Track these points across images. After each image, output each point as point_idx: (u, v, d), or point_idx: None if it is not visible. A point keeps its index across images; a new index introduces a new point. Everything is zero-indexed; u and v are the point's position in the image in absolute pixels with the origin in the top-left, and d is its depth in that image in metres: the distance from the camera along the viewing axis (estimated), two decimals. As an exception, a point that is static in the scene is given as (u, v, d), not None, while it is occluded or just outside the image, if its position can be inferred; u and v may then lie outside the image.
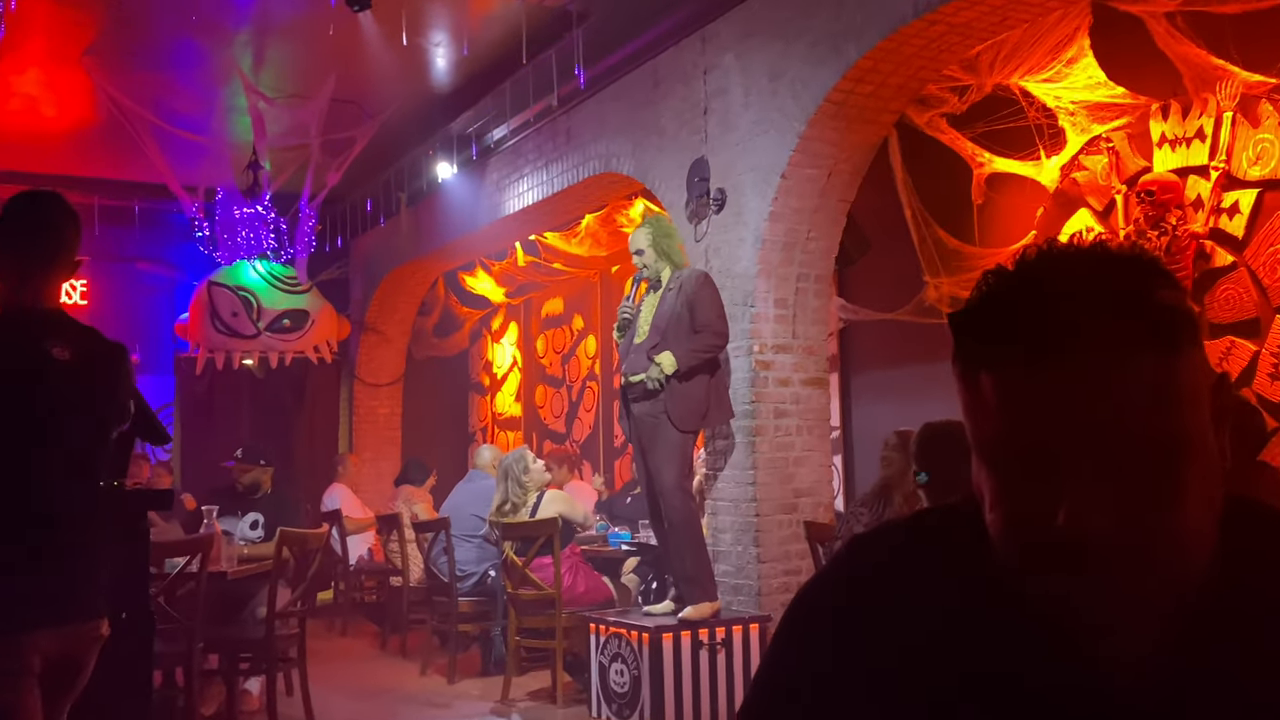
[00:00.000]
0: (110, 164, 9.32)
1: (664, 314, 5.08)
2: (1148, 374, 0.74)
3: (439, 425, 11.74)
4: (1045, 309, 0.76)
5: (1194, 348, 0.78)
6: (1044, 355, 0.75)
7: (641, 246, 5.17)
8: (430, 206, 9.49)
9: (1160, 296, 0.77)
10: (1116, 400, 0.74)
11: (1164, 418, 0.75)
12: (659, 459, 5.02)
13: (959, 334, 0.79)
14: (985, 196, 6.02)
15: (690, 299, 5.06)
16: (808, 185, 5.59)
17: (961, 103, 5.72)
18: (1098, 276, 0.77)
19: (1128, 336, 0.75)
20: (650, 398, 5.03)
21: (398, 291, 10.67)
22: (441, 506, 7.25)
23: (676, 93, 6.31)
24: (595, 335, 10.24)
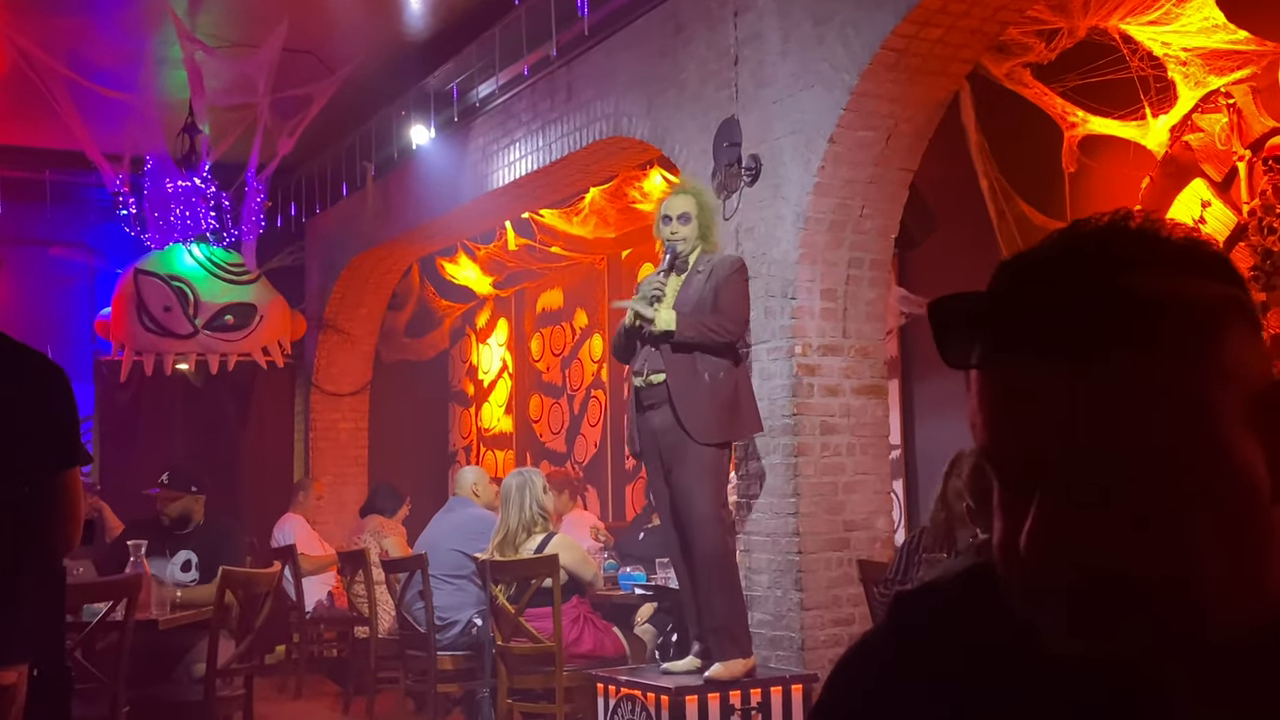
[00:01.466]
0: (15, 127, 9.37)
1: (688, 298, 5.10)
2: (1125, 379, 0.77)
3: (413, 443, 11.76)
4: (1017, 299, 0.80)
5: (1214, 351, 0.79)
6: (1010, 353, 0.79)
7: (687, 211, 5.18)
8: (403, 179, 9.51)
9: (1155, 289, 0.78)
10: (1088, 408, 0.77)
11: (1153, 429, 0.76)
12: (687, 480, 5.00)
13: (931, 323, 0.84)
14: (1079, 163, 6.01)
15: (718, 284, 5.09)
16: (861, 151, 5.59)
17: (1049, 50, 5.70)
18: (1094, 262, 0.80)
19: (1107, 335, 0.77)
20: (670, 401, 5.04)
21: (364, 281, 10.70)
22: (417, 541, 7.27)
23: (701, 39, 6.31)
24: (602, 334, 10.24)
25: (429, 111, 8.67)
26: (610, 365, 10.06)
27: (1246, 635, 0.78)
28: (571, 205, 8.91)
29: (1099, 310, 0.78)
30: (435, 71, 8.36)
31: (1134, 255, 0.81)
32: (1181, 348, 0.78)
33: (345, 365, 11.10)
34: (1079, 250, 0.82)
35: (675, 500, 5.09)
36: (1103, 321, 0.78)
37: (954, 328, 0.83)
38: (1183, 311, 0.79)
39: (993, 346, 0.81)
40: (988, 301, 0.82)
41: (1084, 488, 0.78)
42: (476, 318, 12.01)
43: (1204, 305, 0.80)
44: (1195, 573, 0.77)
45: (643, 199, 8.41)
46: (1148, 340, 0.78)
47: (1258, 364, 0.81)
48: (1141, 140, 5.83)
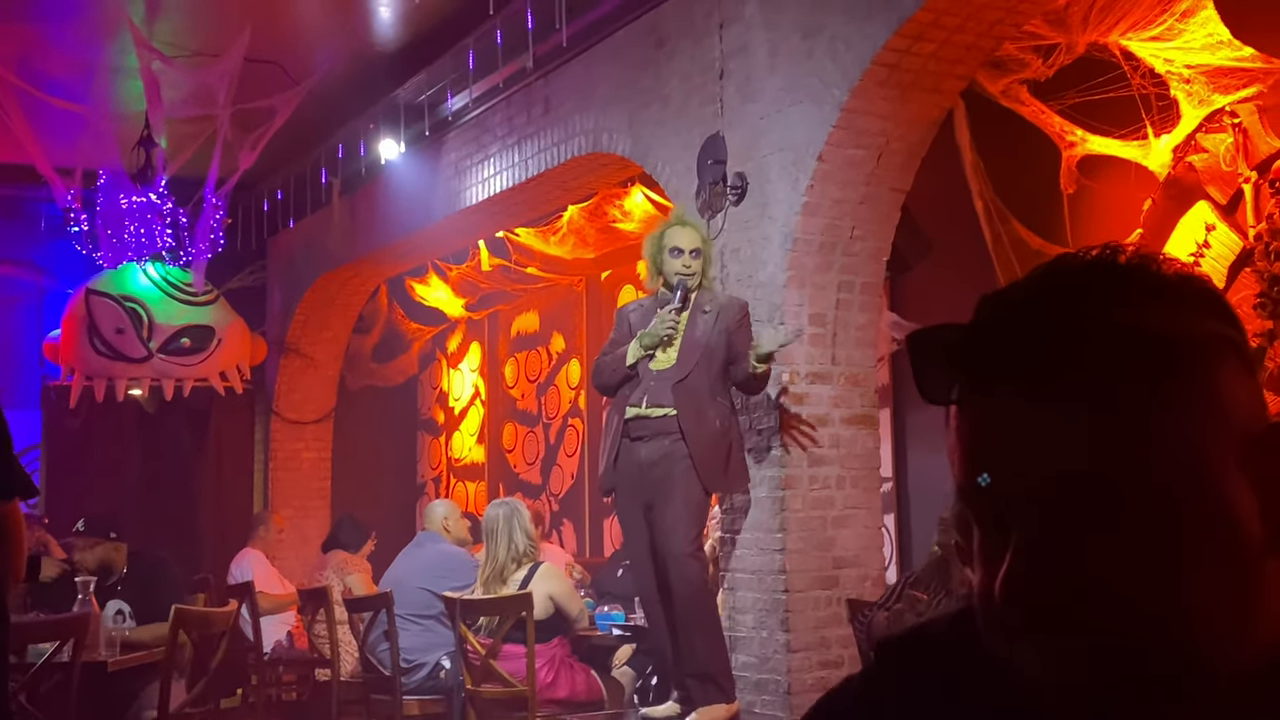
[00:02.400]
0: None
1: (696, 340, 5.20)
2: (1110, 419, 0.77)
3: (379, 474, 11.73)
4: (999, 333, 0.81)
5: (1205, 392, 0.79)
6: (990, 389, 0.81)
7: (697, 245, 5.31)
8: (371, 195, 9.52)
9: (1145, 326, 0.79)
10: (1070, 447, 0.78)
11: (1138, 471, 0.77)
12: (671, 517, 5.04)
13: (910, 356, 0.85)
14: (1078, 185, 6.06)
15: (730, 330, 5.22)
16: (851, 170, 5.62)
17: (1047, 66, 5.76)
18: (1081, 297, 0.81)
19: (1093, 373, 0.78)
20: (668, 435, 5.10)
21: (328, 303, 10.68)
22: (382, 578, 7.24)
23: (684, 52, 6.35)
24: (580, 359, 10.25)
25: (399, 125, 8.69)
26: (589, 393, 10.07)
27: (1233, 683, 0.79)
28: (548, 224, 8.93)
29: (1085, 347, 0.79)
30: (406, 83, 8.38)
31: (1123, 291, 0.82)
32: (1171, 388, 0.79)
33: (308, 391, 11.07)
34: (1066, 284, 0.83)
35: (655, 537, 5.11)
36: (1089, 359, 0.79)
37: (933, 361, 0.84)
38: (1174, 350, 0.79)
39: (972, 381, 0.82)
40: (969, 335, 0.83)
41: (1064, 530, 0.78)
42: (447, 342, 12.00)
43: (1196, 344, 0.80)
44: (1180, 620, 0.77)
45: (623, 218, 8.44)
46: (1136, 379, 0.78)
47: (1252, 406, 0.82)
48: (1143, 161, 5.88)
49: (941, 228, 6.47)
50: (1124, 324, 0.80)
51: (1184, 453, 0.78)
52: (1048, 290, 0.83)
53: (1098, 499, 0.78)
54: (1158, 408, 0.78)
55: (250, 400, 10.76)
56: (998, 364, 0.81)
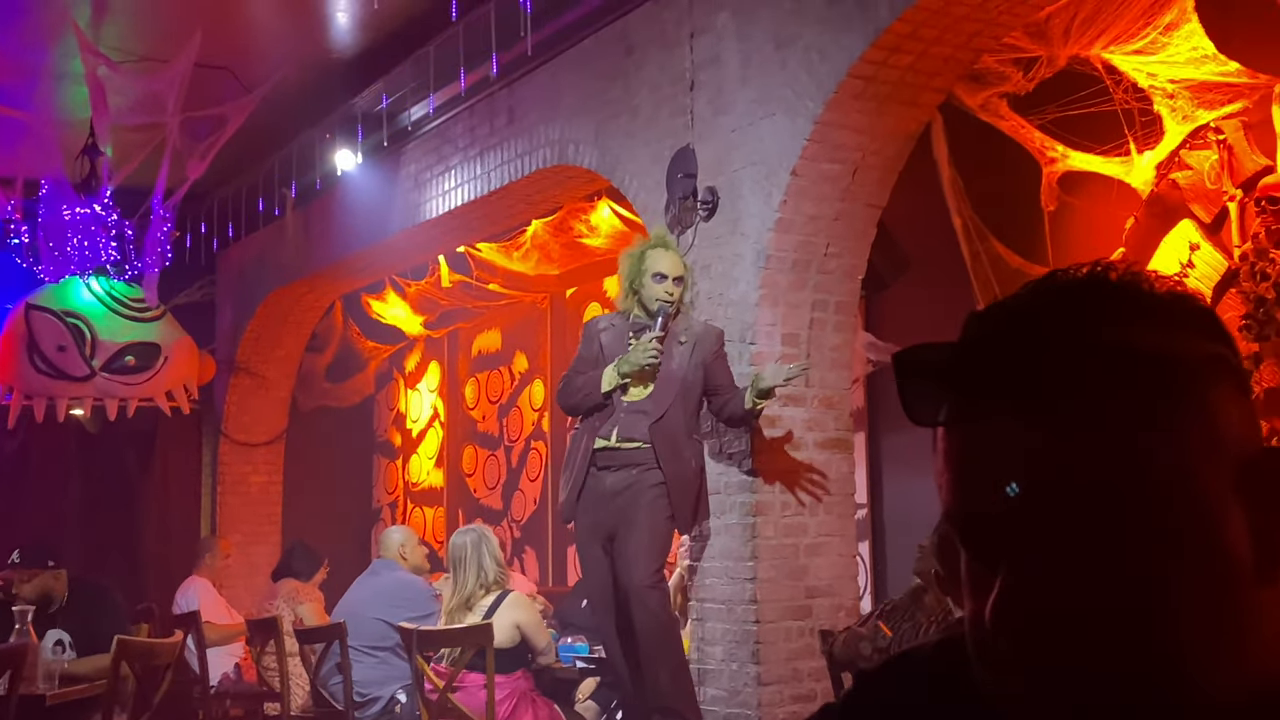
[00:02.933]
0: (-103, 146, 9.26)
1: (672, 374, 5.22)
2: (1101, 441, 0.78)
3: (333, 499, 11.67)
4: (988, 352, 0.82)
5: (1198, 414, 0.80)
6: (979, 410, 0.81)
7: (681, 273, 5.36)
8: (326, 207, 9.49)
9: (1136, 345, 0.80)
10: (1061, 470, 0.78)
11: (1129, 495, 0.78)
12: (635, 546, 5.03)
13: (896, 376, 0.85)
14: (1059, 202, 6.10)
15: (707, 363, 5.25)
16: (826, 185, 5.65)
17: (1028, 80, 5.80)
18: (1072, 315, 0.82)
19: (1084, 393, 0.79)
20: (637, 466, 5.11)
21: (280, 320, 10.64)
22: (336, 608, 7.20)
23: (654, 61, 6.37)
24: (544, 379, 10.24)
25: (356, 134, 8.67)
26: (553, 414, 10.05)
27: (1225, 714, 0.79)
28: (511, 239, 8.92)
29: (1077, 367, 0.79)
30: (363, 91, 8.37)
31: (1115, 309, 0.82)
32: (1164, 409, 0.79)
33: (258, 412, 11.01)
34: (1056, 302, 0.83)
35: (616, 567, 5.12)
36: (1081, 379, 0.79)
37: (920, 381, 0.84)
38: (1166, 370, 0.80)
39: (960, 402, 0.82)
40: (956, 354, 0.83)
41: (1054, 555, 0.78)
42: (405, 361, 11.96)
43: (1189, 364, 0.81)
44: (1171, 649, 0.77)
45: (589, 233, 8.45)
46: (1129, 400, 0.79)
47: (1246, 429, 0.82)
48: (1125, 178, 5.93)
49: (919, 245, 6.51)
50: (1116, 343, 0.80)
51: (1177, 478, 0.78)
52: (1038, 308, 0.83)
53: (1089, 523, 0.78)
54: (1151, 430, 0.78)
55: (198, 421, 10.69)
56: (987, 384, 0.81)
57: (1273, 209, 5.40)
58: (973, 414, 0.81)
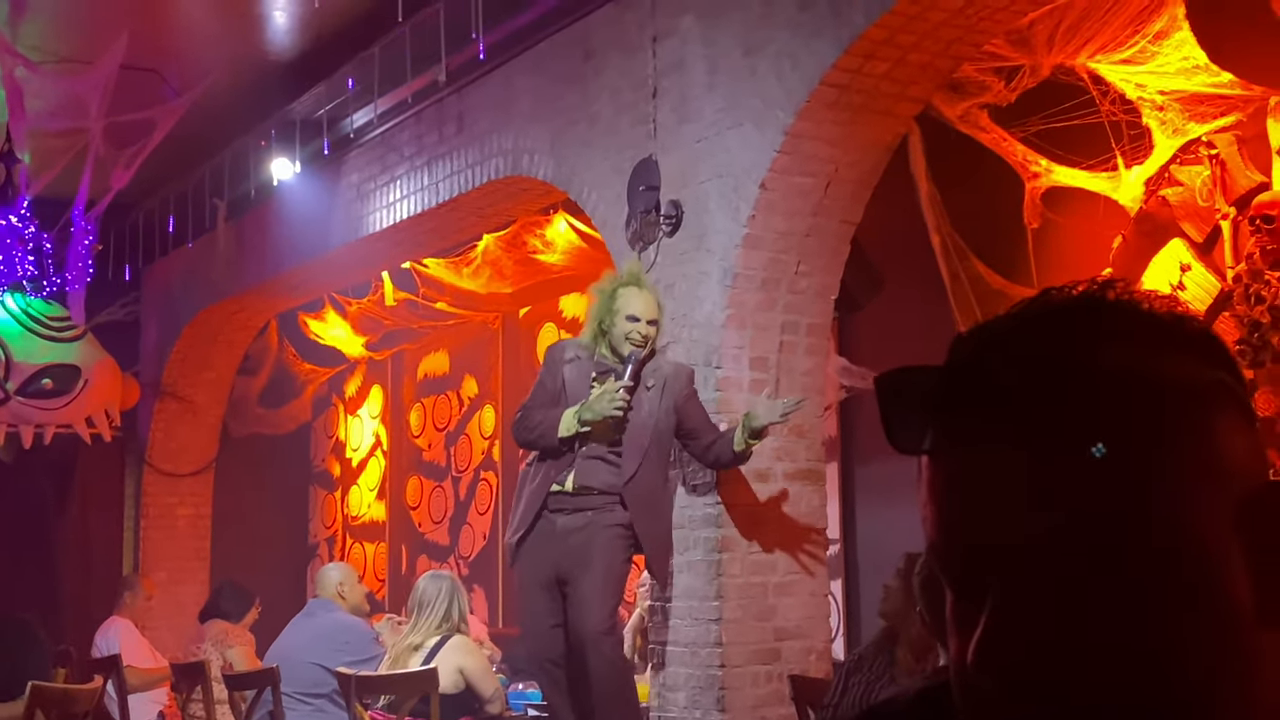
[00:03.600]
0: None
1: (643, 423, 5.18)
2: (1095, 470, 0.78)
3: (266, 534, 11.59)
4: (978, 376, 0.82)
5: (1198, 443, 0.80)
6: (967, 437, 0.81)
7: (655, 316, 5.32)
8: (261, 220, 9.46)
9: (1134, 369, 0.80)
10: (1053, 501, 0.78)
11: (1124, 529, 0.78)
12: (589, 588, 5.01)
13: (878, 400, 0.86)
14: (1042, 219, 6.15)
15: (677, 403, 5.24)
16: (797, 199, 5.68)
17: (1009, 90, 5.85)
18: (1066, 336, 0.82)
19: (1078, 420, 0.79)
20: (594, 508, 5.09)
21: (210, 341, 10.58)
22: (268, 651, 7.15)
23: (614, 66, 6.40)
24: (495, 405, 10.23)
25: (294, 142, 8.66)
26: (504, 443, 10.04)
27: None
28: (461, 254, 8.92)
29: (1072, 393, 0.79)
30: (302, 96, 8.35)
31: (1112, 330, 0.82)
32: (1162, 437, 0.79)
33: (186, 440, 10.94)
34: (1049, 322, 0.84)
35: (569, 611, 5.09)
36: (1076, 406, 0.79)
37: (904, 406, 0.84)
38: (1166, 396, 0.80)
39: (947, 429, 0.83)
40: (943, 377, 0.83)
41: (1043, 590, 0.79)
42: (345, 385, 11.92)
43: (1190, 390, 0.81)
44: (1166, 692, 0.78)
45: (544, 249, 8.46)
46: (1127, 428, 0.79)
47: (1249, 461, 0.82)
48: (1113, 194, 5.98)
49: (895, 264, 6.55)
50: (1113, 367, 0.80)
51: (1176, 511, 0.78)
52: (1030, 330, 0.84)
53: (1081, 558, 0.78)
54: (1148, 460, 0.79)
55: (120, 449, 10.61)
56: (976, 410, 0.81)
57: (1268, 228, 5.46)
58: (959, 441, 0.82)
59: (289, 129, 8.66)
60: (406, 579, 10.67)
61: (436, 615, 6.00)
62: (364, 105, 8.05)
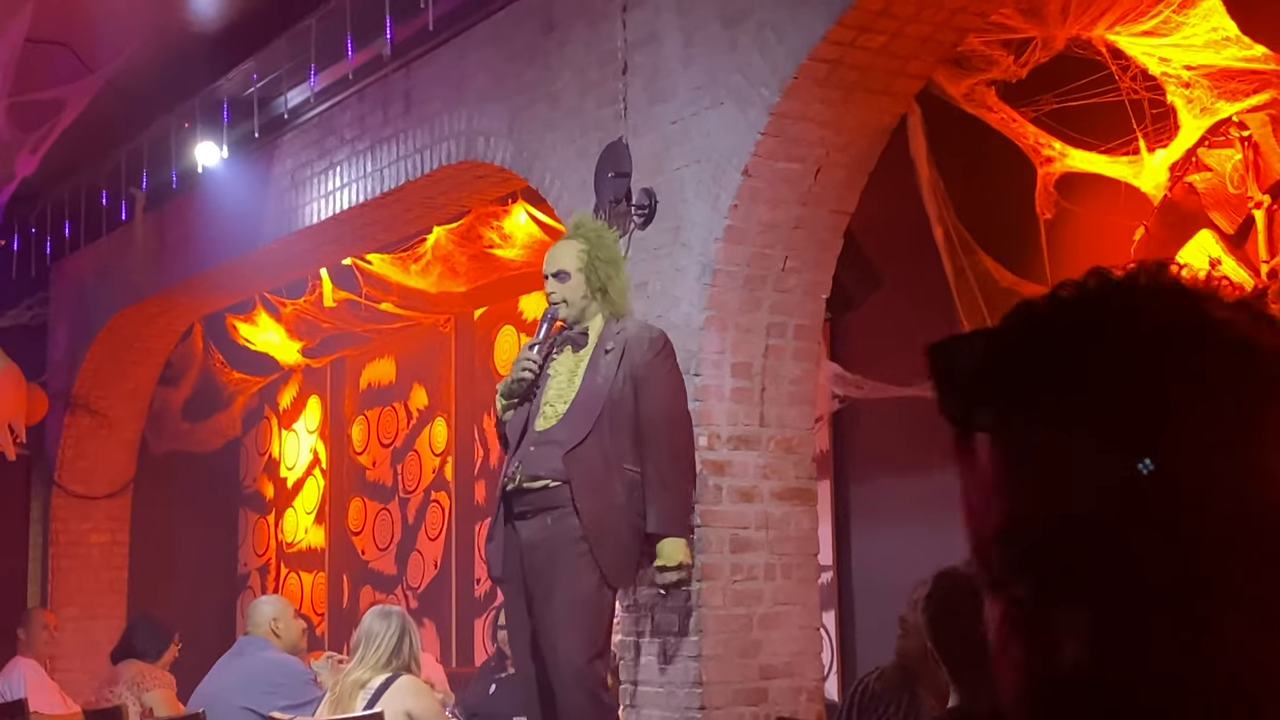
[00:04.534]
0: None
1: (594, 389, 5.05)
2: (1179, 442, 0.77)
3: (190, 563, 11.54)
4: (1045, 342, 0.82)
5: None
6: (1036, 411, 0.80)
7: (564, 266, 5.20)
8: (184, 211, 9.42)
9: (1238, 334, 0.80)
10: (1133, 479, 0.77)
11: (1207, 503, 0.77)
12: (555, 616, 4.95)
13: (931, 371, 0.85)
14: (1056, 208, 6.16)
15: (637, 373, 5.09)
16: (784, 187, 5.68)
17: (1019, 65, 5.86)
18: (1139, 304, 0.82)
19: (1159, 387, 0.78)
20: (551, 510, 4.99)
21: (127, 346, 10.53)
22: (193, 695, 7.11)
23: (579, 39, 6.39)
24: (446, 417, 10.21)
25: (220, 124, 8.62)
26: (457, 460, 10.02)
27: None
28: (409, 249, 8.90)
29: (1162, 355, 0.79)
30: (230, 73, 8.33)
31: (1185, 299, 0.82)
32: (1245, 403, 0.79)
33: (100, 458, 10.87)
34: (1116, 291, 0.84)
35: (538, 641, 5.04)
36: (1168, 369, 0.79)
37: (959, 376, 0.84)
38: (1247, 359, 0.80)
39: (1013, 401, 0.82)
40: (1007, 344, 0.83)
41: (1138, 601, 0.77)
42: (279, 396, 11.88)
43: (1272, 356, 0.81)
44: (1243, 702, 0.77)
45: (502, 243, 8.45)
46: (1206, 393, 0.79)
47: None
48: (1134, 181, 5.99)
49: (893, 259, 6.55)
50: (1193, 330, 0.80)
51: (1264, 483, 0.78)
52: (1099, 295, 0.84)
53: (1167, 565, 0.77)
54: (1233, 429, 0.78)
55: (26, 468, 10.54)
56: (1043, 379, 0.81)
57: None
58: (1025, 416, 0.81)
59: (215, 109, 8.62)
60: (348, 612, 10.65)
61: (384, 650, 5.96)
62: (299, 82, 8.02)
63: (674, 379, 5.24)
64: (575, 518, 4.97)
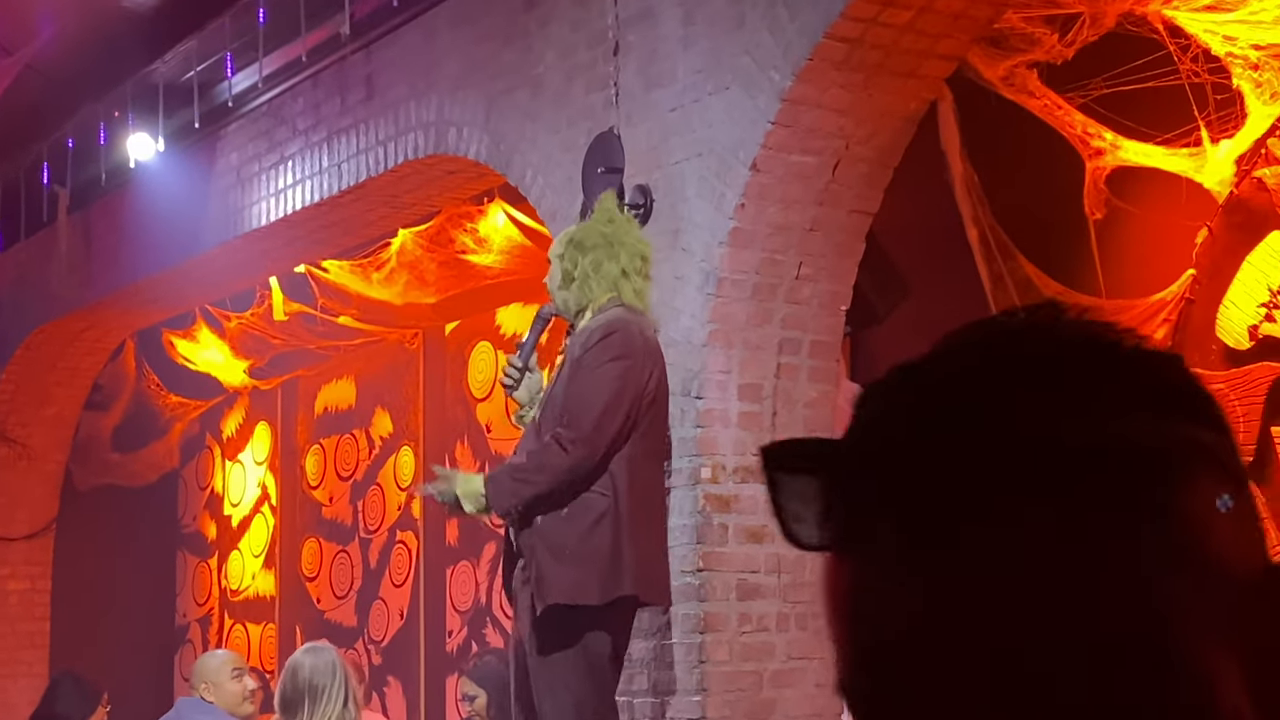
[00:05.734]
0: None
1: (555, 395, 5.00)
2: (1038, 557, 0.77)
3: (121, 613, 11.52)
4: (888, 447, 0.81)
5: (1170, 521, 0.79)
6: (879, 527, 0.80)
7: (549, 255, 5.25)
8: (114, 212, 9.42)
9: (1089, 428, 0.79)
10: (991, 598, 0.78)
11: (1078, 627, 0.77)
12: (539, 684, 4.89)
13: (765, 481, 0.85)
14: (1108, 207, 6.17)
15: (575, 362, 4.98)
16: (798, 184, 5.70)
17: (1065, 45, 5.88)
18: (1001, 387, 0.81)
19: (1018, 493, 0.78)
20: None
21: (49, 366, 10.52)
22: (125, 764, 7.11)
23: (565, 16, 6.41)
24: (414, 446, 10.20)
25: (155, 112, 8.63)
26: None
27: None
28: (371, 255, 8.90)
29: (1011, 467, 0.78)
30: (166, 55, 8.34)
31: (1063, 381, 0.81)
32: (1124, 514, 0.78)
33: (18, 494, 10.87)
34: (981, 372, 0.83)
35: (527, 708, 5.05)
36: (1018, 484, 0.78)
37: (797, 489, 0.83)
38: (1128, 461, 0.79)
39: (852, 517, 0.81)
40: (844, 451, 0.83)
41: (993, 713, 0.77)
42: (223, 422, 11.87)
43: (1159, 454, 0.79)
44: None
45: (476, 247, 8.44)
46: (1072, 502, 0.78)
47: (1238, 544, 0.81)
48: (1196, 175, 6.00)
49: (922, 265, 6.56)
50: (1063, 426, 0.79)
51: (1141, 604, 0.78)
52: (956, 380, 0.83)
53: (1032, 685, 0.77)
54: (1113, 552, 0.78)
55: (-67, 506, 10.56)
56: (887, 494, 0.80)
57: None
58: (868, 535, 0.81)
59: (149, 95, 8.63)
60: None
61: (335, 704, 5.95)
62: (246, 65, 8.03)
63: (604, 373, 4.94)
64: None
